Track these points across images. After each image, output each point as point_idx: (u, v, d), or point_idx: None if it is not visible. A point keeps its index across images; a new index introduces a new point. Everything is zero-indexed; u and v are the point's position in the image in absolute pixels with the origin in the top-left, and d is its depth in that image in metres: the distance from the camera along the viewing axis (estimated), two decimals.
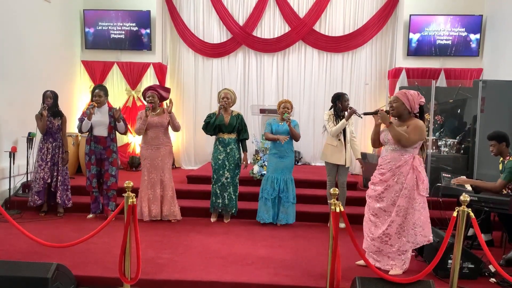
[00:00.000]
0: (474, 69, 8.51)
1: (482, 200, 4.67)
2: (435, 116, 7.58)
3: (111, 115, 5.87)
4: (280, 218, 5.84)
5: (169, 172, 5.90)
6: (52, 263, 3.55)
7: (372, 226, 4.19)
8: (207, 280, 3.90)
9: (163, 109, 5.93)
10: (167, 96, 6.08)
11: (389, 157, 4.12)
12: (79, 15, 8.98)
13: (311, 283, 3.88)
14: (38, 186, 5.96)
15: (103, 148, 5.83)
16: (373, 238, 4.15)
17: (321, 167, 9.03)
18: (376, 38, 9.25)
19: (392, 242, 4.08)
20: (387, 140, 4.14)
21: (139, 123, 5.77)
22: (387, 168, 4.11)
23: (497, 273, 3.94)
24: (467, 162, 6.99)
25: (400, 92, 4.19)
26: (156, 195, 5.80)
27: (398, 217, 4.04)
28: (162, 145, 5.83)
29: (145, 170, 5.84)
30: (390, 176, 4.08)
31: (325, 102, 9.40)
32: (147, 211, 5.78)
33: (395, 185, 4.05)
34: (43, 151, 5.99)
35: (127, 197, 3.52)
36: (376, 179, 4.19)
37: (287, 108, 5.72)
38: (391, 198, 4.07)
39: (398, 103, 4.13)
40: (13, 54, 6.76)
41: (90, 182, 5.89)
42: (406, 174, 4.02)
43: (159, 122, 5.79)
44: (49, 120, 5.94)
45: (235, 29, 9.29)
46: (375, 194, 4.17)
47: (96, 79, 8.97)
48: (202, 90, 9.57)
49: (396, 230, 4.06)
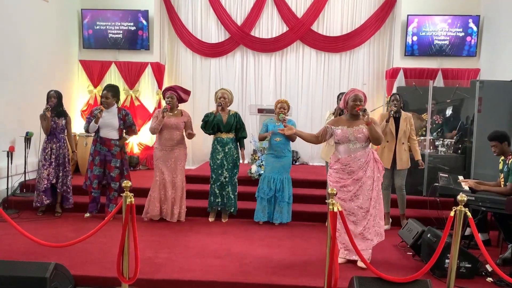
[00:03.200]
0: (472, 69, 8.52)
1: (479, 199, 4.69)
2: (433, 116, 7.59)
3: (120, 118, 5.85)
4: (275, 217, 5.84)
5: (182, 173, 5.87)
6: (50, 263, 3.55)
7: (351, 225, 4.23)
8: (205, 279, 3.91)
9: (181, 111, 5.90)
10: (186, 98, 5.99)
11: (358, 154, 4.24)
12: (77, 15, 8.96)
13: (309, 282, 3.90)
14: (42, 186, 5.93)
15: (108, 150, 5.81)
16: (355, 235, 4.17)
17: (318, 166, 9.05)
18: (373, 38, 9.26)
19: (370, 236, 4.28)
20: (353, 138, 4.22)
21: (154, 122, 5.71)
22: (357, 166, 4.23)
23: (494, 272, 3.96)
24: (464, 162, 7.01)
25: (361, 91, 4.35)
26: (167, 196, 5.78)
27: (374, 209, 4.27)
28: (176, 146, 5.80)
29: (157, 170, 5.81)
30: (363, 173, 4.22)
31: (323, 102, 9.43)
32: (158, 210, 5.77)
33: (367, 180, 4.23)
34: (47, 151, 5.97)
35: (125, 197, 3.51)
36: (347, 180, 4.26)
37: (284, 108, 5.72)
38: (366, 194, 4.24)
39: (363, 101, 4.28)
40: (10, 53, 6.75)
41: (90, 182, 5.86)
42: (372, 167, 4.25)
43: (175, 124, 5.76)
44: (53, 120, 5.93)
45: (233, 28, 9.30)
46: (350, 195, 4.26)
47: (94, 78, 8.96)
48: (200, 90, 9.56)
49: (372, 222, 4.27)
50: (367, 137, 4.25)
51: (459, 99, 7.71)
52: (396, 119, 5.71)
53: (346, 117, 4.39)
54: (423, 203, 6.17)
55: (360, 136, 4.21)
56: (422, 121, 7.49)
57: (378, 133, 4.19)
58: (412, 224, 4.92)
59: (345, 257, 4.40)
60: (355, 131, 4.23)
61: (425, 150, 6.99)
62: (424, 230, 4.60)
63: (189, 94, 6.09)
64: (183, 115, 5.88)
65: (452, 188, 5.05)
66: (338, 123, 4.36)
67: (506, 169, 4.88)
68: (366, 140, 4.26)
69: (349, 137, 4.23)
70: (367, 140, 4.27)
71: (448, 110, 7.82)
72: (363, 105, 4.22)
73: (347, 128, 4.25)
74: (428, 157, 6.94)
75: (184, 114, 5.90)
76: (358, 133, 4.21)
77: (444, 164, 6.93)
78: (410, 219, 5.15)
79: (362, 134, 4.22)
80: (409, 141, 5.76)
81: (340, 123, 4.34)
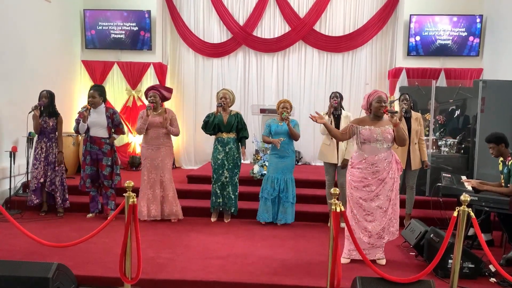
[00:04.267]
0: (474, 69, 8.50)
1: (483, 200, 4.68)
2: (436, 116, 7.58)
3: (108, 116, 5.88)
4: (279, 217, 5.84)
5: (169, 172, 5.90)
6: (52, 263, 3.55)
7: (368, 225, 4.30)
8: (207, 280, 3.91)
9: (165, 109, 5.93)
10: (169, 96, 6.07)
11: (384, 155, 4.25)
12: (79, 15, 8.98)
13: (311, 283, 3.89)
14: (33, 185, 5.99)
15: (99, 148, 5.83)
16: (371, 235, 4.31)
17: (320, 167, 8.97)
18: (376, 38, 9.25)
19: (385, 234, 4.35)
20: (381, 138, 4.21)
21: (140, 122, 5.77)
22: (382, 166, 4.23)
23: (497, 272, 3.95)
24: (467, 162, 6.99)
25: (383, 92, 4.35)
26: (155, 195, 5.81)
27: (392, 209, 4.31)
28: (162, 145, 5.83)
29: (145, 170, 5.85)
30: (386, 174, 4.24)
31: (325, 102, 9.37)
32: (145, 210, 5.79)
33: (389, 181, 4.26)
34: (38, 150, 6.00)
35: (127, 197, 3.51)
36: (372, 180, 4.25)
37: (286, 108, 5.71)
38: (386, 194, 4.27)
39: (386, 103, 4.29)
40: (13, 54, 6.76)
41: (83, 182, 5.90)
42: (394, 168, 4.30)
43: (160, 122, 5.79)
44: (44, 120, 5.94)
45: (235, 29, 9.29)
46: (373, 195, 4.26)
47: (97, 79, 8.97)
48: (202, 90, 9.56)
49: (387, 222, 4.32)
50: (393, 138, 4.27)
51: (462, 99, 7.69)
52: (407, 119, 5.70)
53: (369, 117, 4.37)
54: (426, 203, 6.16)
55: (388, 136, 4.23)
56: (425, 121, 7.47)
57: (405, 134, 4.28)
58: (415, 224, 4.90)
59: (350, 257, 4.43)
60: (383, 131, 4.22)
61: (428, 150, 6.97)
62: (427, 230, 4.58)
63: (171, 92, 6.20)
64: (167, 113, 5.90)
65: (455, 188, 5.04)
66: (363, 123, 4.34)
67: (506, 170, 4.90)
68: (392, 141, 4.29)
69: (377, 137, 4.22)
70: (393, 141, 4.29)
71: (451, 110, 7.80)
72: (387, 106, 4.23)
73: (375, 128, 4.25)
74: (431, 157, 6.92)
75: (168, 112, 5.92)
76: (386, 133, 4.22)
77: (447, 164, 6.92)
78: (413, 219, 5.14)
79: (390, 134, 4.23)
80: (417, 141, 5.76)
81: (365, 123, 4.32)
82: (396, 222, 4.40)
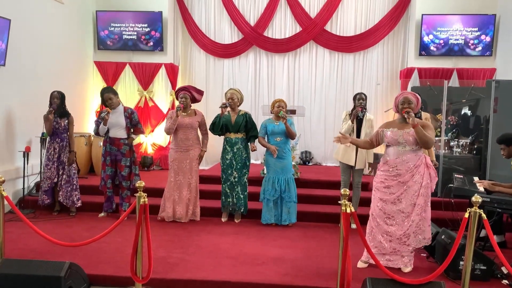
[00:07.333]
0: (487, 69, 8.42)
1: (495, 201, 4.64)
2: (448, 116, 7.52)
3: (127, 116, 5.92)
4: (284, 218, 5.81)
5: (196, 174, 5.91)
6: (65, 262, 3.60)
7: (388, 228, 4.20)
8: (217, 279, 3.93)
9: (194, 110, 5.94)
10: (199, 98, 6.02)
11: (405, 158, 4.14)
12: (92, 16, 9.06)
13: (321, 283, 3.89)
14: (45, 186, 6.06)
15: (118, 149, 5.87)
16: (391, 239, 4.19)
17: (332, 167, 9.02)
18: (387, 38, 9.20)
19: (410, 241, 4.17)
20: (403, 140, 4.13)
21: (169, 122, 5.76)
22: (405, 169, 4.13)
23: (509, 275, 3.91)
24: (479, 163, 6.93)
25: (411, 94, 4.24)
26: (182, 197, 5.82)
27: (418, 216, 4.13)
28: (191, 147, 5.84)
29: (172, 171, 5.85)
30: (409, 177, 4.12)
31: (336, 102, 9.40)
32: (171, 212, 5.82)
33: (414, 185, 4.12)
34: (50, 151, 6.07)
35: (139, 197, 3.55)
36: (392, 182, 4.18)
37: (282, 107, 5.71)
38: (410, 199, 4.14)
39: (413, 104, 4.16)
40: (27, 55, 6.85)
41: (104, 182, 5.95)
42: (422, 173, 4.13)
43: (189, 123, 5.80)
44: (56, 121, 6.01)
45: (246, 29, 9.31)
46: (393, 198, 4.17)
47: (109, 79, 9.05)
48: (213, 91, 9.60)
49: (414, 229, 4.15)
50: (417, 140, 4.13)
51: (475, 99, 7.62)
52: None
53: (398, 120, 4.31)
54: (437, 204, 6.10)
55: (410, 138, 4.10)
56: (437, 122, 7.42)
57: (427, 136, 4.02)
58: None
59: (369, 260, 4.32)
60: (404, 133, 4.13)
61: (440, 150, 6.92)
62: (439, 232, 4.56)
63: (202, 94, 6.11)
64: (197, 115, 5.91)
65: (467, 189, 4.99)
66: (389, 126, 4.29)
67: None
68: (416, 143, 4.12)
69: (398, 139, 4.14)
70: (417, 143, 4.12)
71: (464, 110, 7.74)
72: (412, 107, 4.11)
73: (397, 130, 4.18)
74: (443, 157, 6.87)
75: (197, 114, 5.93)
76: (408, 136, 4.11)
77: (459, 165, 6.86)
78: None
79: (412, 137, 4.09)
80: None
81: (392, 126, 4.27)
82: (425, 230, 4.19)
